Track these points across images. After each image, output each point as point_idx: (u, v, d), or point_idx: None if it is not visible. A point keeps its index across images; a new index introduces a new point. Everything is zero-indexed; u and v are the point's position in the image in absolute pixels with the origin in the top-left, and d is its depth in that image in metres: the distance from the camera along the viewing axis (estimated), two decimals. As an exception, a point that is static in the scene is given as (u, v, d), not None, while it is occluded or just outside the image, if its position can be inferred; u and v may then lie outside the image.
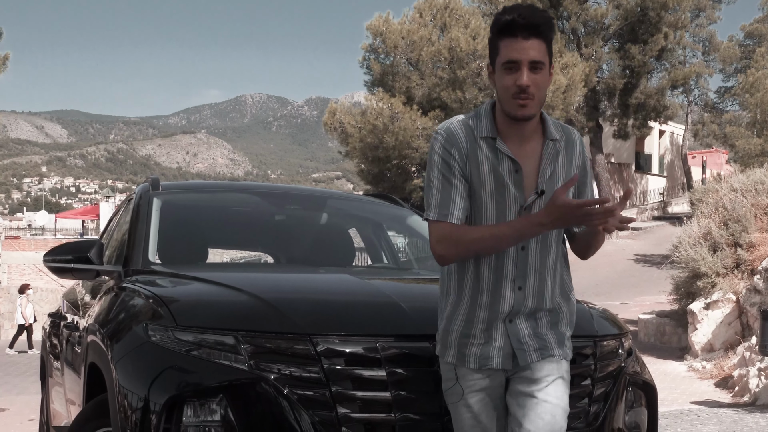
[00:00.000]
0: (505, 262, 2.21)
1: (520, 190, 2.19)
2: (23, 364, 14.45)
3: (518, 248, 2.20)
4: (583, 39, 28.46)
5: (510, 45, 2.13)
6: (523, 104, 2.14)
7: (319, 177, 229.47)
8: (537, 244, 2.22)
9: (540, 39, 2.13)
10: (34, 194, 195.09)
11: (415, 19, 24.57)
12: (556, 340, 2.24)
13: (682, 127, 41.25)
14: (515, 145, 2.22)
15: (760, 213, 10.01)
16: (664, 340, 11.62)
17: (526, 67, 2.12)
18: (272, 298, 2.52)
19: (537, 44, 2.13)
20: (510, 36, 2.13)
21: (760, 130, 22.62)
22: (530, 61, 2.12)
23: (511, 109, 2.16)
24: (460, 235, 2.17)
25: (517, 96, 2.13)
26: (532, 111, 2.16)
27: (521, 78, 2.12)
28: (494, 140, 2.21)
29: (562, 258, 2.32)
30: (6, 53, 21.47)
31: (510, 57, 2.13)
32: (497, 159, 2.20)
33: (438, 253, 2.21)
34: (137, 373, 2.39)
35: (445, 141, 2.21)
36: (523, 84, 2.12)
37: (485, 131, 2.22)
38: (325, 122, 25.63)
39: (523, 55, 2.11)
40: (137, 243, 3.29)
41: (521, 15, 2.12)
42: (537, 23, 2.12)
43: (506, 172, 2.20)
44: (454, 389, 2.25)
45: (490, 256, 2.20)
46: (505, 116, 2.20)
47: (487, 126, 2.22)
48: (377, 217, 4.33)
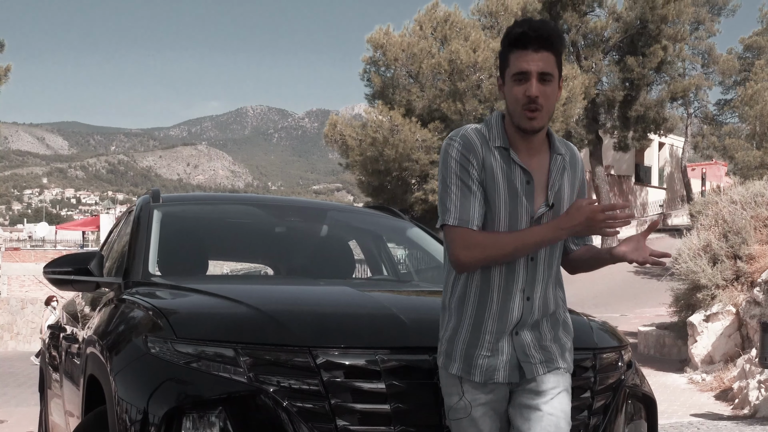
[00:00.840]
0: (516, 272, 2.22)
1: (530, 202, 2.22)
2: (22, 375, 14.42)
3: (528, 259, 2.22)
4: (582, 51, 28.56)
5: (520, 57, 2.16)
6: (532, 116, 2.17)
7: (319, 189, 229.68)
8: (546, 255, 2.24)
9: (550, 52, 2.17)
10: (35, 205, 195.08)
11: (415, 32, 24.67)
12: (560, 352, 2.25)
13: (682, 139, 41.31)
14: (525, 158, 2.24)
15: (759, 225, 10.02)
16: (663, 352, 11.61)
17: (536, 79, 2.15)
18: (272, 310, 2.52)
19: (547, 56, 2.16)
20: (521, 48, 2.17)
21: (759, 142, 22.66)
22: (540, 72, 2.15)
23: (521, 120, 2.19)
24: (484, 241, 2.17)
25: (526, 107, 2.16)
26: (542, 123, 2.19)
27: (531, 89, 2.15)
28: (507, 150, 2.23)
29: (560, 274, 2.37)
30: (8, 64, 21.54)
31: (520, 68, 2.16)
32: (510, 169, 2.22)
33: (461, 259, 2.18)
34: (136, 385, 2.39)
35: (462, 147, 2.22)
36: (532, 94, 2.15)
37: (498, 141, 2.24)
38: (326, 134, 25.69)
39: (533, 67, 2.15)
40: (137, 255, 3.29)
41: (532, 28, 2.16)
42: (547, 36, 2.16)
43: (519, 183, 2.22)
44: (459, 404, 2.23)
45: (501, 266, 2.21)
46: (514, 128, 2.23)
47: (500, 136, 2.25)
48: (377, 229, 4.33)
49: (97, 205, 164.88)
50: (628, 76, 28.35)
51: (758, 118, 21.89)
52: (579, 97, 24.46)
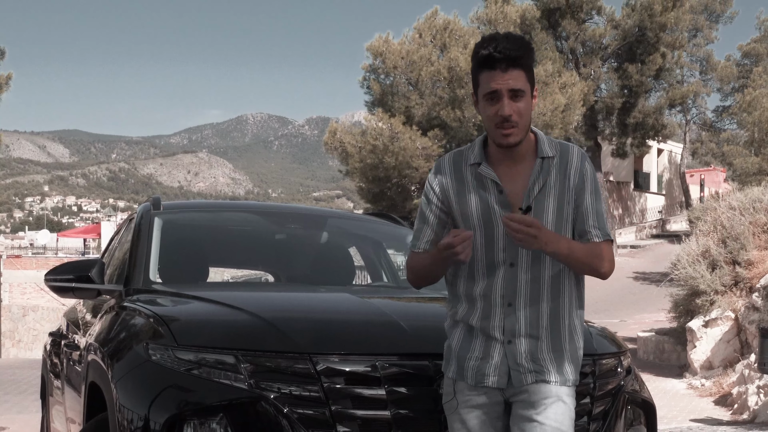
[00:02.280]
0: (495, 278, 2.24)
1: (506, 210, 2.22)
2: (24, 382, 14.40)
3: (507, 265, 2.24)
4: (581, 58, 28.62)
5: (490, 77, 2.17)
6: (507, 133, 2.19)
7: (319, 196, 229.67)
8: (527, 261, 2.23)
9: (519, 69, 2.17)
10: (36, 213, 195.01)
11: (414, 40, 24.72)
12: (555, 366, 2.23)
13: (680, 145, 41.36)
14: (506, 168, 2.26)
15: (758, 231, 10.04)
16: (663, 357, 11.61)
17: (507, 97, 2.16)
18: (272, 317, 2.53)
19: (516, 74, 2.16)
20: (489, 69, 2.17)
21: (757, 148, 22.67)
22: (510, 90, 2.16)
23: (496, 137, 2.22)
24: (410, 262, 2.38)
25: (500, 126, 2.18)
26: (517, 138, 2.21)
27: (503, 108, 2.16)
28: (479, 165, 2.27)
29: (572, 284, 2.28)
30: (9, 73, 21.55)
31: (490, 88, 2.17)
32: (482, 183, 2.26)
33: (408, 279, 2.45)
34: (137, 392, 2.40)
35: (432, 175, 2.34)
36: (505, 114, 2.16)
37: (473, 158, 2.29)
38: (326, 142, 25.72)
39: (503, 86, 2.15)
40: (138, 262, 3.31)
41: (497, 48, 2.15)
42: (514, 56, 2.15)
43: (490, 195, 2.25)
44: (450, 403, 2.27)
45: (483, 273, 2.25)
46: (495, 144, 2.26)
47: (476, 153, 2.29)
48: (377, 236, 4.35)
49: (98, 213, 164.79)
50: (626, 83, 28.40)
51: (756, 125, 21.91)
52: (578, 104, 24.49)
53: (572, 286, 2.30)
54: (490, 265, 2.25)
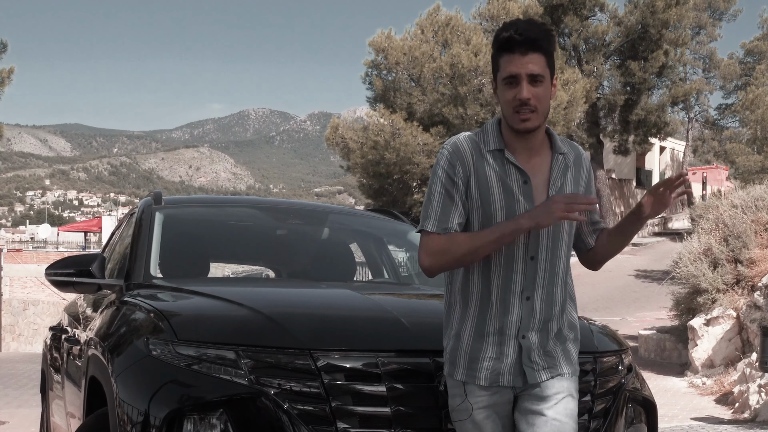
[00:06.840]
0: (514, 272, 2.21)
1: (530, 201, 2.20)
2: (24, 376, 14.43)
3: (528, 258, 2.21)
4: (584, 55, 28.58)
5: (509, 61, 2.16)
6: (525, 118, 2.17)
7: (321, 191, 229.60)
8: (547, 253, 2.22)
9: (539, 53, 2.16)
10: (37, 207, 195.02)
11: (417, 36, 24.70)
12: (564, 356, 2.24)
13: (683, 143, 41.31)
14: (523, 159, 2.24)
15: (760, 229, 10.02)
16: (664, 355, 11.60)
17: (526, 81, 2.15)
18: (273, 312, 2.53)
19: (536, 58, 2.15)
20: (509, 52, 2.16)
21: (760, 146, 22.65)
22: (529, 74, 2.14)
23: (514, 122, 2.19)
24: (443, 245, 2.19)
25: (518, 109, 2.16)
26: (535, 123, 2.19)
27: (521, 92, 2.15)
28: (502, 152, 2.23)
29: (569, 274, 2.33)
30: (11, 66, 21.51)
31: (509, 72, 2.16)
32: (505, 171, 2.22)
33: (426, 264, 2.23)
34: (138, 387, 2.40)
35: (450, 155, 2.23)
36: (523, 97, 2.14)
37: (492, 144, 2.24)
38: (328, 137, 25.72)
39: (522, 69, 2.14)
40: (139, 257, 3.30)
41: (518, 31, 2.15)
42: (534, 38, 2.15)
43: (515, 184, 2.21)
44: (462, 406, 2.23)
45: (499, 267, 2.21)
46: (511, 130, 2.23)
47: (495, 139, 2.24)
48: (378, 232, 4.34)
49: (100, 207, 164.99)
50: (629, 81, 28.37)
51: (759, 123, 21.88)
52: (580, 101, 24.47)
53: (569, 275, 2.33)
54: (508, 260, 2.21)
